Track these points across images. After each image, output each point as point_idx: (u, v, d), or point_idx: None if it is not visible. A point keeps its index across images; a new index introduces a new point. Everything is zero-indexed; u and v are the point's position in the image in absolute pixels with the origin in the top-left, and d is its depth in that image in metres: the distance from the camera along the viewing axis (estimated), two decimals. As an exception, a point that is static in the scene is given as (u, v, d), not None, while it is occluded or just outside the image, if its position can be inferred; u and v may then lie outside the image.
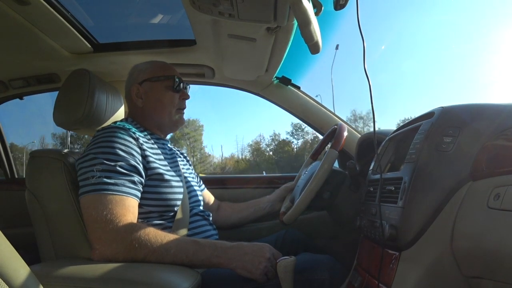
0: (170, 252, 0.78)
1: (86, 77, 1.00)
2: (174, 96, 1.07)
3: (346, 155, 1.44)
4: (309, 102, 1.51)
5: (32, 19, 1.06)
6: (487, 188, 0.56)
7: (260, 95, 1.54)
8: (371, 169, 0.94)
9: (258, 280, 0.80)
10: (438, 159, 0.65)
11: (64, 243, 0.89)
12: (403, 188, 0.68)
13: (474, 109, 0.68)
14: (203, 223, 1.04)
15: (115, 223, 0.78)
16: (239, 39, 1.04)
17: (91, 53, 1.31)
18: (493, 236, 0.52)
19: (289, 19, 0.89)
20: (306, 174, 1.12)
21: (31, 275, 0.57)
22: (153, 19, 1.29)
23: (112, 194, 0.80)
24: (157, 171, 0.92)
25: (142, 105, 1.06)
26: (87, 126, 1.03)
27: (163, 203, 0.92)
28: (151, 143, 0.98)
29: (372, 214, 0.79)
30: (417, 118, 0.79)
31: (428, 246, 0.63)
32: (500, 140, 0.61)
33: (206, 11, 0.87)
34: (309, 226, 1.41)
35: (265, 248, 0.83)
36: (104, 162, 0.83)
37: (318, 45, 0.79)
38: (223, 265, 0.80)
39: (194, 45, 1.26)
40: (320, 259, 0.92)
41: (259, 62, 1.25)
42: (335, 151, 0.99)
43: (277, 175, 1.61)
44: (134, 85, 1.06)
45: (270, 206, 1.29)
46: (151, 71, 1.08)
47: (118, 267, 0.74)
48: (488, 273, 0.55)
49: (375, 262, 0.76)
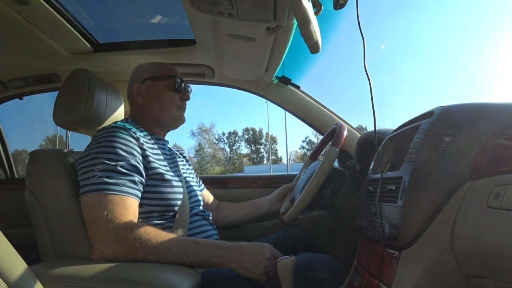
0: (170, 252, 0.78)
1: (86, 77, 1.00)
2: (174, 96, 1.07)
3: (346, 154, 1.44)
4: (309, 102, 1.51)
5: (31, 19, 1.06)
6: (487, 188, 0.56)
7: (260, 94, 1.54)
8: (371, 169, 0.94)
9: (258, 280, 0.80)
10: (438, 158, 0.65)
11: (64, 243, 0.89)
12: (403, 188, 0.68)
13: (474, 109, 0.68)
14: (203, 223, 1.04)
15: (115, 223, 0.78)
16: (239, 38, 1.04)
17: (91, 53, 1.31)
18: (493, 235, 0.52)
19: (289, 19, 0.89)
20: (306, 173, 1.12)
21: (31, 275, 0.57)
22: (152, 19, 1.29)
23: (112, 194, 0.81)
24: (157, 171, 0.92)
25: (142, 103, 1.06)
26: (87, 126, 1.03)
27: (163, 203, 0.92)
28: (151, 143, 0.98)
29: (372, 213, 0.79)
30: (417, 117, 0.79)
31: (428, 245, 0.63)
32: (500, 139, 0.61)
33: (205, 11, 0.87)
34: (309, 226, 1.41)
35: (265, 247, 0.83)
36: (105, 162, 0.83)
37: (317, 45, 0.79)
38: (223, 265, 0.81)
39: (194, 45, 1.26)
40: (320, 258, 0.92)
41: (259, 61, 1.25)
42: (335, 149, 0.98)
43: (277, 175, 1.62)
44: (135, 83, 1.06)
45: (268, 206, 1.29)
46: (153, 70, 1.08)
47: (118, 267, 0.74)
48: (488, 273, 0.55)
49: (375, 261, 0.76)
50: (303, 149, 40.10)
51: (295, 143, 67.65)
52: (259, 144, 41.49)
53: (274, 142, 41.16)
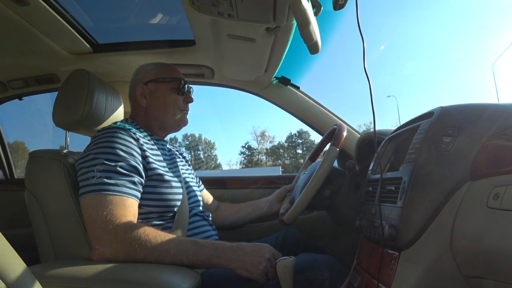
0: (170, 253, 0.78)
1: (85, 78, 1.00)
2: (178, 98, 1.07)
3: (345, 155, 1.44)
4: (308, 102, 1.51)
5: (31, 20, 1.06)
6: (487, 188, 0.56)
7: (260, 95, 1.54)
8: (371, 169, 0.94)
9: (258, 280, 0.80)
10: (438, 159, 0.65)
11: (63, 244, 0.89)
12: (402, 188, 0.68)
13: (474, 109, 0.68)
14: (203, 223, 1.04)
15: (115, 223, 0.78)
16: (239, 39, 1.04)
17: (90, 53, 1.31)
18: (493, 236, 0.52)
19: (289, 19, 0.89)
20: (306, 174, 1.11)
21: (30, 275, 0.57)
22: (152, 20, 1.29)
23: (112, 195, 0.80)
24: (157, 172, 0.92)
25: (145, 105, 1.06)
26: (86, 127, 1.03)
27: (163, 203, 0.92)
28: (151, 144, 0.98)
29: (372, 214, 0.79)
30: (417, 118, 0.79)
31: (428, 246, 0.63)
32: (499, 140, 0.61)
33: (205, 12, 0.87)
34: (309, 226, 1.41)
35: (265, 248, 0.83)
36: (105, 163, 0.83)
37: (317, 45, 0.79)
38: (223, 265, 0.80)
39: (194, 45, 1.26)
40: (319, 259, 0.92)
41: (258, 62, 1.25)
42: (335, 149, 0.98)
43: (276, 176, 1.62)
44: (139, 85, 1.06)
45: (268, 206, 1.29)
46: (157, 72, 1.08)
47: (117, 267, 0.74)
48: (488, 273, 0.55)
49: (375, 262, 0.76)
50: (242, 154, 37.56)
51: (235, 149, 66.42)
52: (198, 150, 38.92)
53: (212, 148, 38.57)
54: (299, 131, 30.71)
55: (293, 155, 30.44)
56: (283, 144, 31.65)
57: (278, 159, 32.44)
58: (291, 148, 30.53)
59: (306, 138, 30.48)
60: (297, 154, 30.36)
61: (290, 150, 30.93)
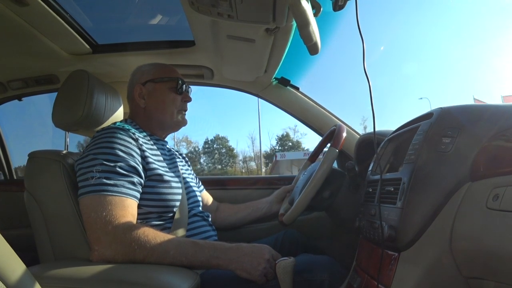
0: (170, 253, 0.78)
1: (85, 78, 1.00)
2: (176, 98, 1.07)
3: (345, 156, 1.44)
4: (308, 103, 1.51)
5: (30, 20, 1.06)
6: (486, 189, 0.56)
7: (259, 96, 1.54)
8: (370, 170, 0.94)
9: (257, 281, 0.80)
10: (437, 160, 0.65)
11: (63, 244, 0.89)
12: (402, 189, 0.68)
13: (474, 110, 0.68)
14: (202, 224, 1.04)
15: (114, 224, 0.78)
16: (238, 40, 1.04)
17: (90, 54, 1.31)
18: (492, 237, 0.52)
19: (288, 20, 0.89)
20: (305, 174, 1.11)
21: (29, 276, 0.57)
22: (152, 20, 1.29)
23: (111, 195, 0.80)
24: (156, 172, 0.92)
25: (144, 106, 1.06)
26: (86, 127, 1.03)
27: (162, 203, 0.92)
28: (151, 144, 0.98)
29: (371, 214, 0.79)
30: (416, 118, 0.79)
31: (427, 247, 0.63)
32: (499, 141, 0.61)
33: (205, 12, 0.87)
34: (308, 227, 1.41)
35: (265, 249, 0.83)
36: (104, 163, 0.83)
37: (317, 46, 0.79)
38: (222, 266, 0.80)
39: (193, 46, 1.26)
40: (319, 260, 0.92)
41: (258, 63, 1.25)
42: (335, 150, 0.98)
43: (276, 176, 1.62)
44: (137, 85, 1.06)
45: (267, 207, 1.29)
46: (154, 72, 1.08)
47: (117, 268, 0.73)
48: (488, 274, 0.55)
49: (375, 262, 0.76)
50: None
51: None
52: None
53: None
54: (215, 136, 29.48)
55: (210, 161, 29.12)
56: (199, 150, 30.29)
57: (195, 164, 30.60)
58: (208, 154, 29.34)
59: (224, 143, 29.18)
60: (214, 159, 29.03)
61: (206, 156, 29.59)
